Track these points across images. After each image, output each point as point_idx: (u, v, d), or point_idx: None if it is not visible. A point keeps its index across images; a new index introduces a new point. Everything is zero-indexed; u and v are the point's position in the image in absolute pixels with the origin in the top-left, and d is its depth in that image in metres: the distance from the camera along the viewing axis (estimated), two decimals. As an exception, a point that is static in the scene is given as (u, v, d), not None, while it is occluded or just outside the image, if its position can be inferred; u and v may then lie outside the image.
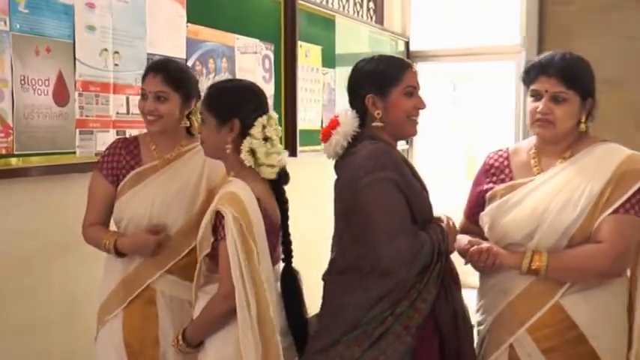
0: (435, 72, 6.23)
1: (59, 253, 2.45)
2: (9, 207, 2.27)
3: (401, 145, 5.74)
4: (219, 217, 1.79)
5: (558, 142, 1.90)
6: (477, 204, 2.03)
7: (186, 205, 2.08)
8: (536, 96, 1.88)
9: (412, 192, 1.85)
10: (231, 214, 1.75)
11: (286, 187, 2.00)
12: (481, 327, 2.00)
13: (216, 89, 1.96)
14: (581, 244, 1.80)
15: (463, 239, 1.98)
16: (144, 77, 2.08)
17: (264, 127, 1.87)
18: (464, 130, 7.55)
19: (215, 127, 1.88)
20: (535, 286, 1.84)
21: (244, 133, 1.87)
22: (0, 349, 2.23)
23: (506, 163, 2.01)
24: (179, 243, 2.07)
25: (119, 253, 2.04)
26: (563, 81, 1.83)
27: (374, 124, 1.90)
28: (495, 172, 2.01)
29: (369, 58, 1.98)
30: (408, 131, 1.99)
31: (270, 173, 1.91)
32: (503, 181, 1.97)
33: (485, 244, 1.90)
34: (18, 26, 2.22)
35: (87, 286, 2.51)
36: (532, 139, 1.98)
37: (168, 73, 2.06)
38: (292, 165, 2.04)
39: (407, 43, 5.82)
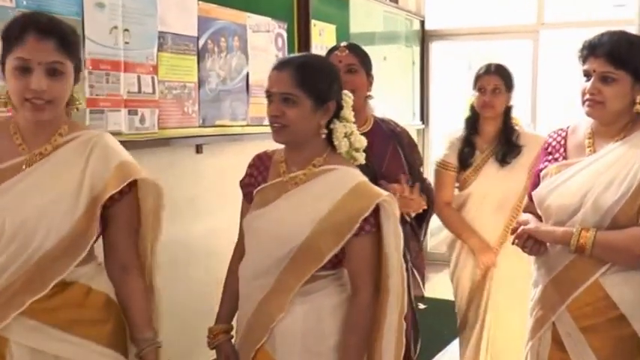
0: (450, 52, 6.09)
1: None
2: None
3: (416, 125, 5.64)
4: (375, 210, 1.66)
5: (611, 123, 1.85)
6: (535, 183, 2.01)
7: (59, 220, 1.54)
8: (587, 76, 1.83)
9: None
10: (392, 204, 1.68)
11: None
12: (532, 304, 1.99)
13: (311, 67, 1.74)
14: (625, 226, 1.74)
15: (524, 217, 2.01)
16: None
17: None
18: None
19: (310, 110, 1.69)
20: (577, 263, 1.82)
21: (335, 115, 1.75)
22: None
23: (562, 142, 1.98)
24: (46, 271, 1.51)
25: None
26: (611, 61, 1.77)
27: None
28: (552, 152, 1.99)
29: None
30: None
31: (362, 158, 1.80)
32: (557, 160, 1.95)
33: (529, 226, 1.91)
34: (25, 3, 2.14)
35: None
36: (591, 120, 1.91)
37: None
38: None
39: (422, 22, 5.67)
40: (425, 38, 5.69)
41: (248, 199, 1.85)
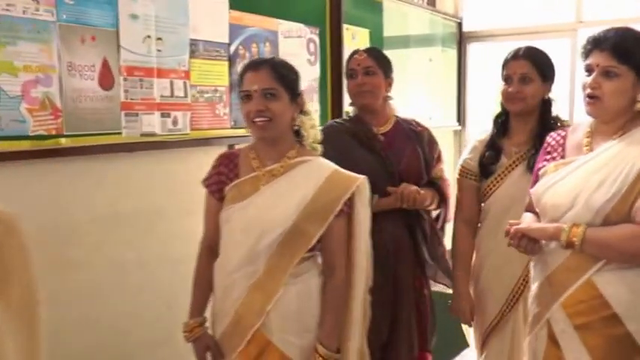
0: (488, 53, 6.03)
1: (108, 227, 2.54)
2: (59, 183, 2.37)
3: (453, 127, 5.61)
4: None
5: (610, 120, 1.80)
6: (536, 182, 1.98)
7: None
8: (589, 71, 1.79)
9: (344, 161, 2.02)
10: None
11: None
12: (530, 301, 1.98)
13: (283, 65, 1.88)
14: (617, 224, 1.71)
15: (526, 217, 1.98)
16: None
17: None
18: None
19: (288, 103, 1.84)
20: (571, 260, 1.79)
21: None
22: (50, 319, 2.31)
23: (562, 142, 1.94)
24: None
25: None
26: (615, 55, 1.73)
27: None
28: (551, 151, 1.96)
29: None
30: (355, 103, 2.46)
31: (320, 148, 1.94)
32: (554, 159, 1.92)
33: (522, 225, 1.87)
34: (64, 17, 2.30)
35: (135, 256, 2.62)
36: (591, 119, 1.89)
37: None
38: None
39: (459, 24, 5.64)
40: (462, 40, 5.67)
41: (217, 197, 1.92)
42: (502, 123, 2.38)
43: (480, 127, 5.89)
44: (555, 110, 2.34)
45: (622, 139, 1.77)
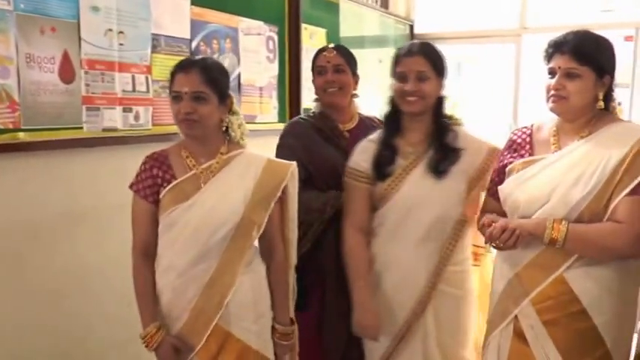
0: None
1: (67, 225, 2.43)
2: (17, 180, 2.25)
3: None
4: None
5: (575, 119, 1.83)
6: (498, 180, 1.97)
7: None
8: (552, 74, 1.82)
9: (310, 157, 2.16)
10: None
11: None
12: (494, 297, 1.96)
13: (213, 68, 1.88)
14: (589, 220, 1.73)
15: (487, 216, 1.94)
16: None
17: None
18: (467, 110, 7.45)
19: (217, 105, 1.85)
20: (541, 257, 1.80)
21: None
22: (9, 318, 2.21)
23: (528, 139, 1.94)
24: None
25: None
26: (575, 57, 1.77)
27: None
28: (517, 148, 1.95)
29: None
30: (323, 100, 2.41)
31: (246, 142, 1.98)
32: (522, 156, 1.91)
33: (501, 221, 1.82)
34: (22, 6, 2.17)
35: (95, 257, 2.51)
36: (555, 117, 1.90)
37: None
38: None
39: (411, 27, 5.70)
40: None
41: (150, 200, 1.85)
42: (393, 121, 2.14)
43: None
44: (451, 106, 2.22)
45: (590, 139, 1.80)
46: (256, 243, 1.96)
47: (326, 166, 2.29)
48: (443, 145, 2.06)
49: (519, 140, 1.97)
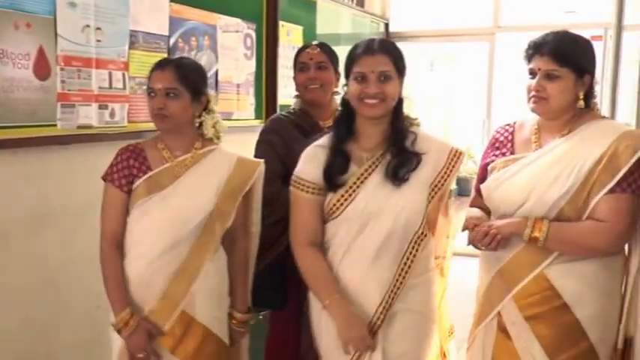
0: (413, 52, 6.16)
1: (40, 224, 2.38)
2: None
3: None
4: None
5: (556, 118, 1.84)
6: (483, 177, 1.98)
7: None
8: (532, 74, 1.82)
9: (290, 153, 2.13)
10: None
11: None
12: (478, 293, 1.98)
13: (188, 66, 1.94)
14: (570, 218, 1.75)
15: (472, 212, 1.96)
16: None
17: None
18: (439, 107, 7.52)
19: (189, 102, 1.90)
20: (523, 254, 1.81)
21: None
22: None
23: (510, 137, 1.95)
24: None
25: None
26: (555, 59, 1.77)
27: None
28: (499, 146, 1.95)
29: None
30: (304, 96, 2.40)
31: (221, 139, 2.03)
32: (504, 154, 1.92)
33: (484, 224, 1.84)
34: (-3, 1, 2.13)
35: (65, 255, 2.47)
36: (537, 116, 1.91)
37: None
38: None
39: (387, 25, 5.73)
40: (390, 39, 5.75)
41: (125, 190, 1.89)
42: (346, 124, 1.87)
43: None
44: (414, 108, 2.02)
45: (569, 137, 1.82)
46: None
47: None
48: (402, 150, 1.81)
49: (502, 138, 1.98)
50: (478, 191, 2.01)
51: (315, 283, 1.86)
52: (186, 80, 1.88)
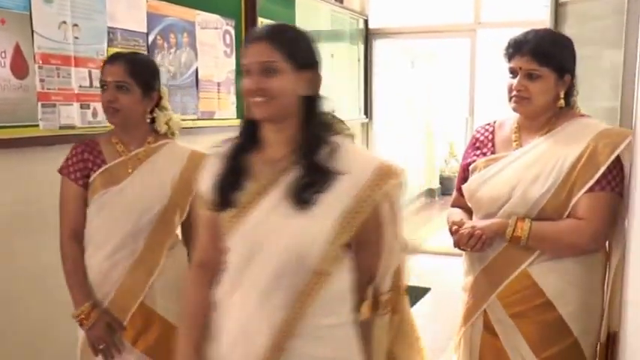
0: (393, 49, 6.18)
1: (23, 227, 2.34)
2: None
3: (360, 119, 5.71)
4: None
5: (536, 117, 1.84)
6: (464, 177, 1.98)
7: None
8: (513, 73, 1.83)
9: None
10: None
11: None
12: (464, 293, 1.98)
13: (139, 61, 1.98)
14: (551, 216, 1.76)
15: (454, 214, 1.96)
16: None
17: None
18: (421, 105, 7.56)
19: (140, 97, 1.92)
20: (506, 253, 1.82)
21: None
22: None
23: (490, 137, 1.95)
24: None
25: None
26: (535, 59, 1.76)
27: None
28: (480, 146, 1.96)
29: None
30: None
31: (177, 135, 2.07)
32: (485, 154, 1.92)
33: (468, 225, 1.84)
34: (-29, -3, 2.09)
35: (50, 259, 2.41)
36: (517, 114, 1.91)
37: None
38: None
39: (366, 21, 5.74)
40: (368, 36, 5.77)
41: (80, 183, 1.94)
42: (250, 132, 1.46)
43: (386, 120, 6.04)
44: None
45: (549, 136, 1.83)
46: (178, 231, 2.07)
47: None
48: (312, 165, 1.38)
49: (482, 138, 1.99)
50: (459, 191, 2.01)
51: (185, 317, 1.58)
52: (137, 75, 1.91)
